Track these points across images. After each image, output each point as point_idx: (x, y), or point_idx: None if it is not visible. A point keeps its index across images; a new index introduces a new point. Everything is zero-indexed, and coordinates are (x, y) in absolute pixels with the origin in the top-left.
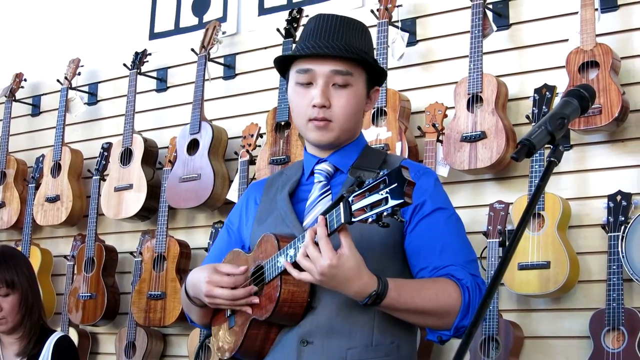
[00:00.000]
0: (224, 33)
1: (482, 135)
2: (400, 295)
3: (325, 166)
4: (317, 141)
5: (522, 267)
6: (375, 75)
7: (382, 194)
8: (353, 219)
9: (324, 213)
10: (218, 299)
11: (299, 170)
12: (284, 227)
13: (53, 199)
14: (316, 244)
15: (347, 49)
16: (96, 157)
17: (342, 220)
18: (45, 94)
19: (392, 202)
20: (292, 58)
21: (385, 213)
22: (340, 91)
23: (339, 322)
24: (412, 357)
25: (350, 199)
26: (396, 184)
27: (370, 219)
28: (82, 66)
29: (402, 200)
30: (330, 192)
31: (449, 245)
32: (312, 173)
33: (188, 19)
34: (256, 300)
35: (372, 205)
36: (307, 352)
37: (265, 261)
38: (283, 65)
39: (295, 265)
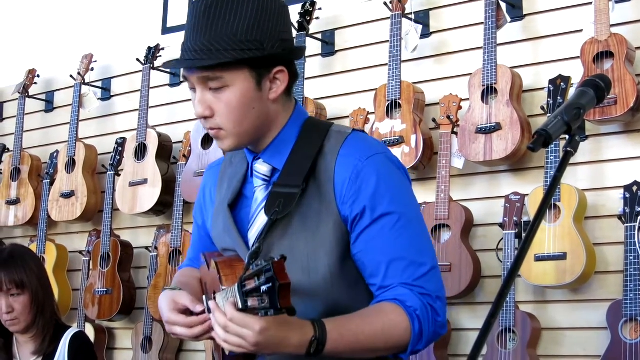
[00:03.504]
0: None
1: (497, 127)
2: (343, 336)
3: (260, 167)
4: (224, 150)
5: (539, 259)
6: (272, 60)
7: (263, 289)
8: (247, 307)
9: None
10: (180, 336)
11: (244, 161)
12: (229, 240)
13: (68, 195)
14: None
15: (210, 47)
16: (110, 153)
17: (240, 307)
18: (59, 89)
19: (271, 305)
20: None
21: (270, 314)
22: (219, 95)
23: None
24: None
25: (244, 282)
26: (271, 285)
27: (260, 314)
28: (95, 62)
29: (277, 308)
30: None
31: (396, 259)
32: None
33: None
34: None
35: (259, 298)
36: None
37: (216, 294)
38: None
39: None
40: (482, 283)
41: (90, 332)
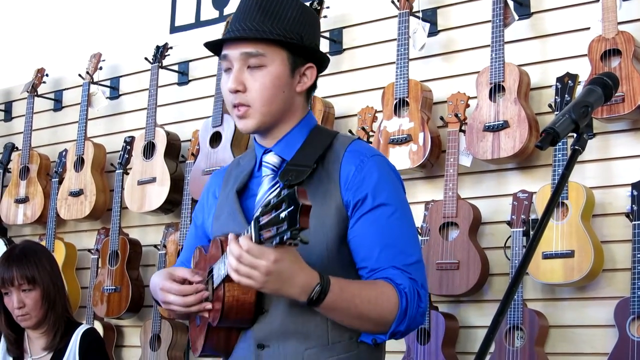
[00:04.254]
0: None
1: (505, 125)
2: (343, 293)
3: (271, 158)
4: (242, 130)
5: (547, 256)
6: (306, 52)
7: (282, 216)
8: (261, 239)
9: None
10: (172, 305)
11: (252, 159)
12: (234, 225)
13: (76, 193)
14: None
15: (259, 28)
16: (119, 151)
17: (253, 240)
18: (67, 88)
19: (290, 226)
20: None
21: (285, 237)
22: (255, 73)
23: (292, 324)
24: (374, 349)
25: (260, 217)
26: (292, 208)
27: (274, 242)
28: (103, 61)
29: (297, 226)
30: (279, 184)
31: (389, 246)
32: (262, 164)
33: (209, 12)
34: (209, 306)
35: (277, 226)
36: (265, 356)
37: (213, 266)
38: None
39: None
40: (490, 281)
41: (99, 329)
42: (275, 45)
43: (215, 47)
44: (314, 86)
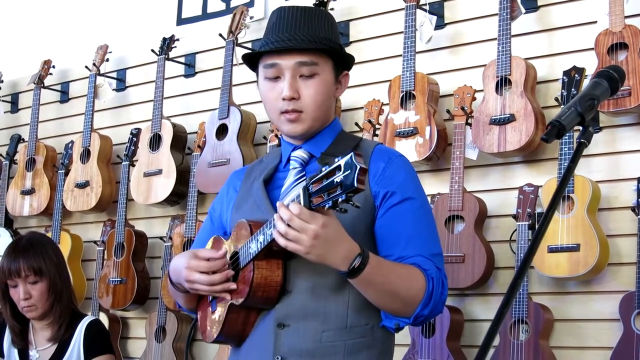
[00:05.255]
0: (251, 18)
1: (511, 118)
2: (380, 267)
3: (300, 153)
4: (291, 133)
5: (552, 250)
6: (343, 61)
7: (336, 181)
8: (312, 205)
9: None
10: (197, 284)
11: (277, 157)
12: (259, 213)
13: (83, 185)
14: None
15: (310, 39)
16: (125, 143)
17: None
18: (74, 80)
19: (345, 189)
20: (259, 54)
21: (339, 199)
22: (308, 82)
23: (313, 305)
24: (386, 338)
25: (309, 185)
26: (349, 171)
27: (327, 205)
28: (110, 52)
29: (354, 187)
30: (305, 177)
31: (415, 236)
32: (288, 160)
33: (215, 4)
34: (233, 286)
35: (329, 192)
36: (284, 335)
37: (240, 247)
38: (252, 61)
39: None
40: (496, 274)
41: (104, 321)
42: (325, 55)
43: (251, 57)
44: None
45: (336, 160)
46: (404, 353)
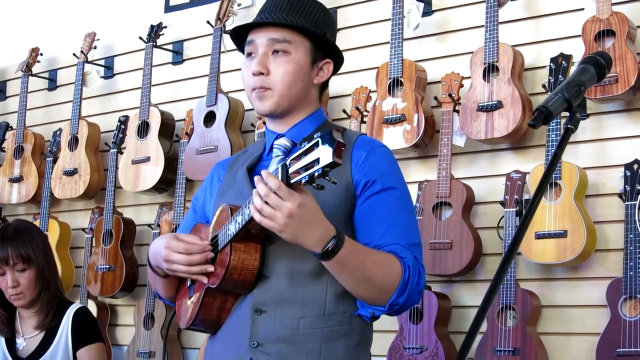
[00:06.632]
0: (239, 5)
1: (499, 105)
2: (355, 251)
3: (283, 141)
4: (259, 110)
5: (539, 236)
6: (324, 46)
7: (314, 156)
8: (290, 181)
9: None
10: (175, 264)
11: (261, 147)
12: (242, 200)
13: (71, 172)
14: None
15: (286, 18)
16: (113, 131)
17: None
18: (62, 68)
19: (322, 163)
20: (243, 32)
21: (316, 174)
22: (279, 59)
23: (291, 292)
24: (364, 328)
25: (287, 162)
26: (327, 145)
27: (303, 180)
28: (98, 40)
29: (331, 161)
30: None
31: (394, 225)
32: (271, 149)
33: None
34: (211, 268)
35: (307, 167)
36: (261, 321)
37: (219, 230)
38: (240, 44)
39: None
40: (483, 260)
41: (92, 308)
42: (300, 35)
43: (238, 38)
44: (327, 82)
45: (315, 136)
46: (392, 339)
